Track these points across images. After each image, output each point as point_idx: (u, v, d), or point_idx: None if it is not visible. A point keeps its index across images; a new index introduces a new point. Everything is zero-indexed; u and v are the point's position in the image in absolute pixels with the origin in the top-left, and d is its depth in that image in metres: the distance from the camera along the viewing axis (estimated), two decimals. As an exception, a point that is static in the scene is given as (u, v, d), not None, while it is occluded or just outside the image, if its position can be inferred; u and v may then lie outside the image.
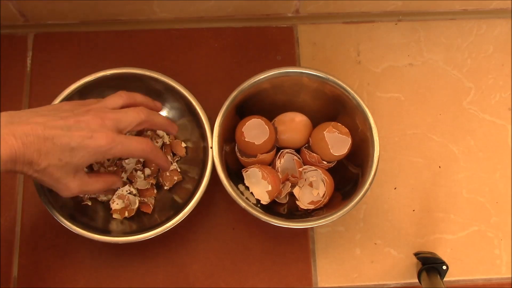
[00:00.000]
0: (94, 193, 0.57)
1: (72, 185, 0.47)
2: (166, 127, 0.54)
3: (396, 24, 0.68)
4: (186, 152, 0.60)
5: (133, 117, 0.49)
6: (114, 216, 0.57)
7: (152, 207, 0.58)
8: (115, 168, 0.57)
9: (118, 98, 0.51)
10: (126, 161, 0.58)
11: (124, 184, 0.58)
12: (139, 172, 0.58)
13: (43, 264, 0.58)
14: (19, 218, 0.59)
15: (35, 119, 0.44)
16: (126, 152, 0.48)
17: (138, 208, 0.58)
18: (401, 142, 0.64)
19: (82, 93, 0.56)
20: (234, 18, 0.66)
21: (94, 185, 0.50)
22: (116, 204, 0.57)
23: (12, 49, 0.64)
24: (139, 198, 0.58)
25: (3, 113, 0.44)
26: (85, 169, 0.50)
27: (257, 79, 0.55)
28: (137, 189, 0.58)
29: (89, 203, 0.57)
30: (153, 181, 0.59)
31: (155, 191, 0.59)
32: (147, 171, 0.58)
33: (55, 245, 0.58)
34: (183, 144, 0.60)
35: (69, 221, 0.52)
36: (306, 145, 0.59)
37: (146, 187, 0.58)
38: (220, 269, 0.59)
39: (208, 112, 0.56)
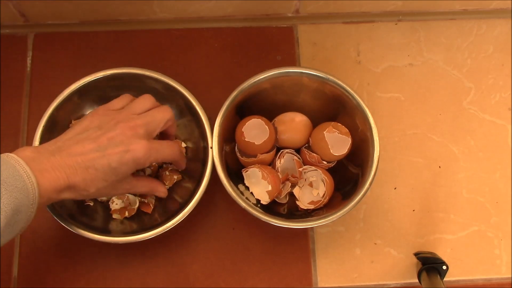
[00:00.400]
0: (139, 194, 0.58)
1: (121, 190, 0.50)
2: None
3: (396, 24, 0.68)
4: (186, 152, 0.60)
5: (160, 117, 0.50)
6: (114, 216, 0.57)
7: (152, 207, 0.58)
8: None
9: (147, 101, 0.52)
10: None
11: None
12: (139, 172, 0.58)
13: (43, 264, 0.58)
14: (19, 218, 0.59)
15: (72, 149, 0.45)
16: (160, 157, 0.50)
17: (138, 208, 0.58)
18: (401, 142, 0.64)
19: (82, 93, 0.56)
20: (234, 18, 0.66)
21: (141, 188, 0.53)
22: (116, 204, 0.57)
23: (12, 49, 0.64)
24: (139, 198, 0.58)
25: (42, 146, 0.46)
26: None
27: (257, 79, 0.55)
28: (137, 189, 0.58)
29: (91, 204, 0.57)
30: (153, 181, 0.59)
31: (155, 191, 0.59)
32: (147, 170, 0.58)
33: (55, 245, 0.58)
34: (183, 144, 0.60)
35: (69, 221, 0.52)
36: (306, 145, 0.59)
37: (146, 187, 0.58)
38: (220, 269, 0.59)
39: (208, 112, 0.56)
